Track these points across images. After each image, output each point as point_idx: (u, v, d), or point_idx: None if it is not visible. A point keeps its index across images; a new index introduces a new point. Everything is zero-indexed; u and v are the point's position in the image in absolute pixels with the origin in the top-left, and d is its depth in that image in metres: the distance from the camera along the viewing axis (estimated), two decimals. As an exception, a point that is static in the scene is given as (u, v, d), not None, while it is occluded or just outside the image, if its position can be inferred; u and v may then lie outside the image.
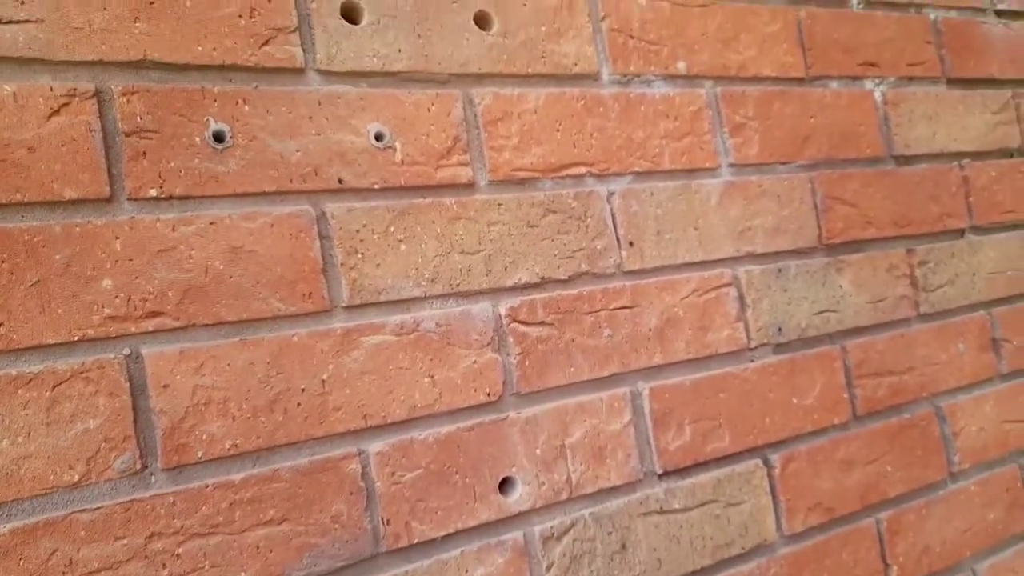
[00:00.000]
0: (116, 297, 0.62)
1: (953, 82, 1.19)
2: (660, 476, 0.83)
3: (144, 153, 0.65)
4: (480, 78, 0.80)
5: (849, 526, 0.95)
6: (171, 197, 0.65)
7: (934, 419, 1.05)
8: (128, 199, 0.64)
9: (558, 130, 0.84)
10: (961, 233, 1.15)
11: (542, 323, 0.80)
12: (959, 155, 1.17)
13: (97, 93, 0.63)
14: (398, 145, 0.75)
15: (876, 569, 0.96)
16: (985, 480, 1.09)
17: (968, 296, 1.12)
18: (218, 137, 0.68)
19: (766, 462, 0.90)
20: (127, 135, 0.64)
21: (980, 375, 1.11)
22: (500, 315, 0.78)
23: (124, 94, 0.64)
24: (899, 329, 1.05)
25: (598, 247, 0.84)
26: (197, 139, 0.67)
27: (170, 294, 0.64)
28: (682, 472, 0.85)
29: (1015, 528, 1.10)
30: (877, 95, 1.10)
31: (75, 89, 0.62)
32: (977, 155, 1.19)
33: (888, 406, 1.01)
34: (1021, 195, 1.22)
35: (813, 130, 1.02)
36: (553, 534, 0.77)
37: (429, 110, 0.77)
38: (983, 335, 1.13)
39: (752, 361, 0.92)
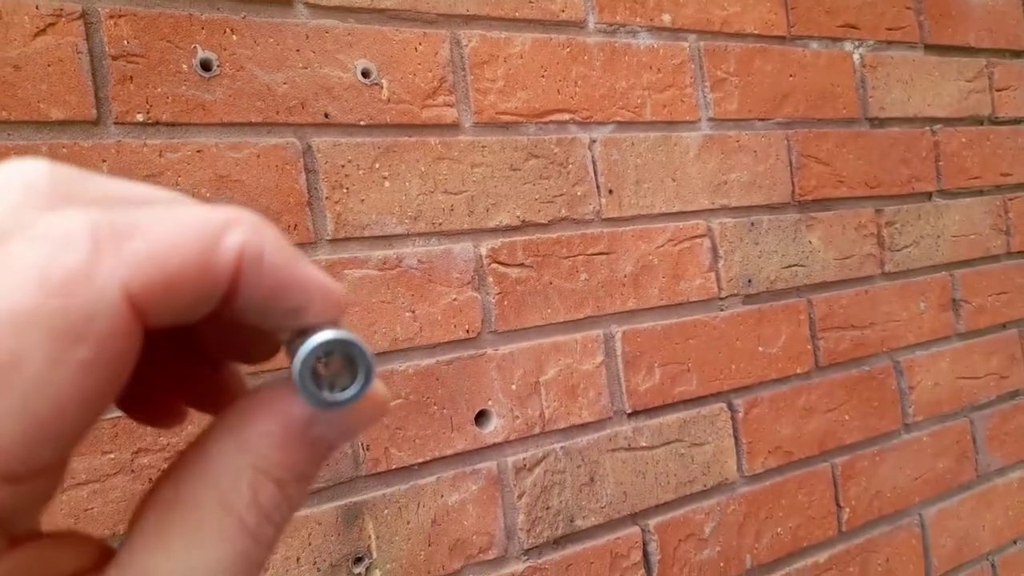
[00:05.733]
0: (103, 220, 0.63)
1: (930, 48, 1.21)
2: (629, 415, 0.87)
3: (131, 78, 0.65)
4: (468, 19, 0.81)
5: (806, 469, 1.00)
6: (158, 123, 0.66)
7: (892, 373, 1.10)
8: (115, 123, 0.64)
9: (543, 76, 0.85)
10: (929, 196, 1.18)
11: (521, 265, 0.82)
12: (932, 120, 1.20)
13: (84, 15, 0.63)
14: (385, 83, 0.76)
15: (829, 510, 1.01)
16: (937, 432, 1.14)
17: (932, 257, 1.17)
18: (205, 65, 0.68)
19: (730, 406, 0.94)
20: (114, 58, 0.64)
21: (938, 333, 1.16)
22: (481, 255, 0.80)
23: (111, 17, 0.64)
24: (864, 286, 1.09)
25: (578, 193, 0.86)
26: (184, 66, 0.67)
27: (157, 219, 0.65)
28: (650, 412, 0.88)
29: (962, 478, 1.16)
30: (856, 57, 1.12)
31: (62, 9, 0.62)
32: (949, 121, 1.22)
33: (849, 358, 1.05)
34: (988, 162, 1.26)
35: (792, 88, 1.04)
36: (525, 465, 0.80)
37: (416, 49, 0.77)
38: (944, 295, 1.17)
39: (722, 310, 0.95)
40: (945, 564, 1.13)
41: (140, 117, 0.65)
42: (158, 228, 0.17)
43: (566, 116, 0.86)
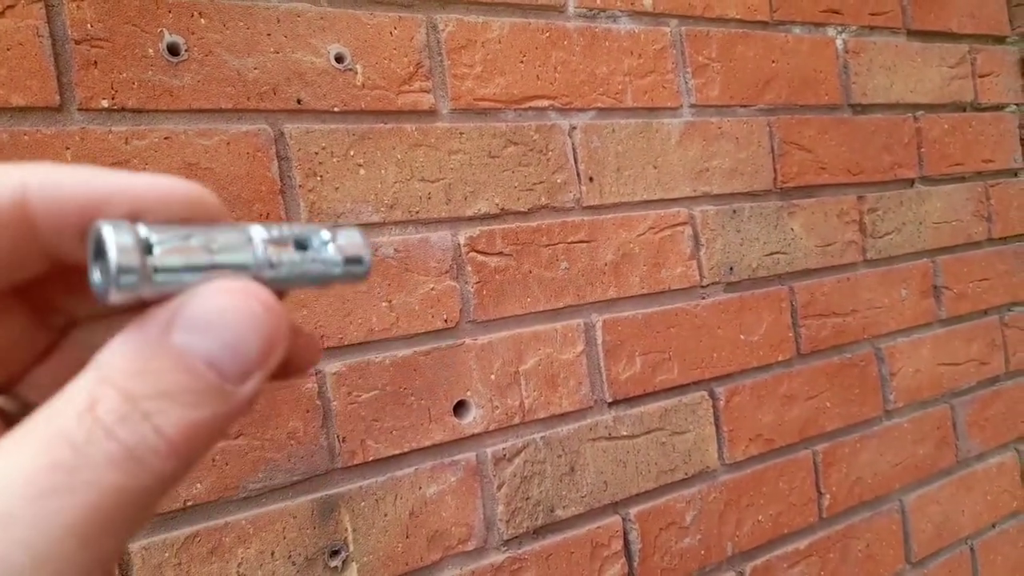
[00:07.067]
0: (68, 209, 0.61)
1: (913, 34, 1.21)
2: (610, 404, 0.86)
3: (95, 62, 0.63)
4: (444, 3, 0.79)
5: (787, 457, 1.00)
6: (123, 109, 0.64)
7: (873, 360, 1.10)
8: (79, 109, 0.62)
9: (522, 61, 0.83)
10: (911, 183, 1.18)
11: (500, 253, 0.81)
12: (914, 107, 1.19)
13: (45, -3, 0.61)
14: (359, 68, 0.74)
15: (810, 497, 1.01)
16: (918, 418, 1.14)
17: (913, 244, 1.16)
18: (173, 50, 0.66)
19: (712, 394, 0.94)
20: (77, 43, 0.62)
21: (920, 319, 1.16)
22: (459, 244, 0.79)
23: (74, -1, 0.62)
24: (845, 273, 1.08)
25: (558, 181, 0.85)
26: (151, 50, 0.65)
27: (124, 208, 0.63)
28: (631, 401, 0.88)
29: (942, 463, 1.17)
30: (839, 43, 1.11)
31: (22, -9, 0.60)
32: (931, 107, 1.22)
33: (831, 346, 1.05)
34: (970, 148, 1.26)
35: (774, 74, 1.03)
36: (505, 456, 0.79)
37: (392, 33, 0.76)
38: (925, 282, 1.17)
39: (703, 298, 0.94)
40: (925, 549, 1.13)
41: (105, 103, 0.63)
42: None
43: (545, 102, 0.85)
